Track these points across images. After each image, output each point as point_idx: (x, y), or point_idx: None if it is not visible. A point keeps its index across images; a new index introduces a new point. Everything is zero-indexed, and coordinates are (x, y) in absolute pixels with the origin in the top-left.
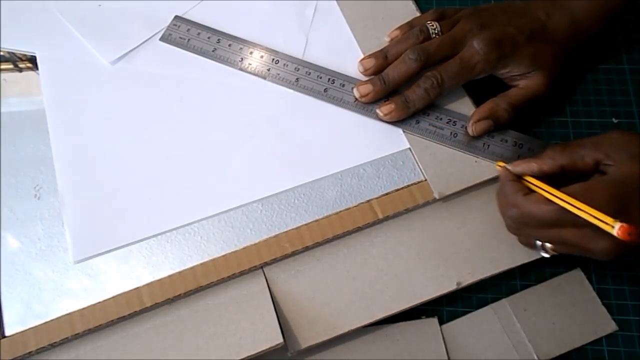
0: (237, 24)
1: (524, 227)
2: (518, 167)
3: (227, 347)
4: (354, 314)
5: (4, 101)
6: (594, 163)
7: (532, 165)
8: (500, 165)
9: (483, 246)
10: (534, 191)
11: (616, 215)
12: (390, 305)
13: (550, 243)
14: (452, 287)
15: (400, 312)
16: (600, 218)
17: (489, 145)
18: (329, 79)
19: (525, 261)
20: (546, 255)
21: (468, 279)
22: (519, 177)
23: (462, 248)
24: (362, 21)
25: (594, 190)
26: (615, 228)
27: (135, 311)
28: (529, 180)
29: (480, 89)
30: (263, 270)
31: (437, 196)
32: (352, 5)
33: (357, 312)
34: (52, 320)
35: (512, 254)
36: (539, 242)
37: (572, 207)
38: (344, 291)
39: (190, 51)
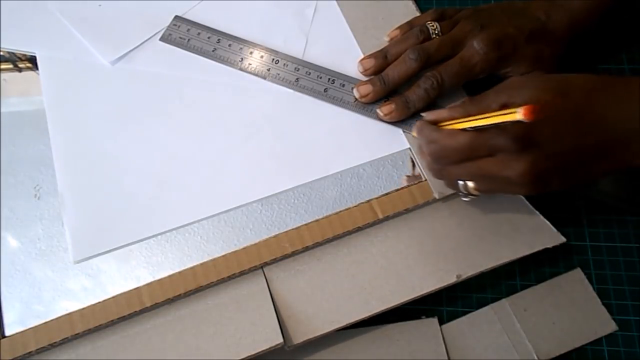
0: (237, 24)
1: (444, 164)
2: (431, 114)
3: (227, 347)
4: (353, 308)
5: (4, 101)
6: (500, 108)
7: (443, 112)
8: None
9: (483, 241)
10: None
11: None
12: (390, 298)
13: (471, 179)
14: (451, 280)
15: (400, 307)
16: (504, 113)
17: None
18: (329, 79)
19: (527, 253)
20: (466, 200)
21: (468, 272)
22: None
23: (461, 244)
24: (362, 21)
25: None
26: (520, 112)
27: (135, 311)
28: (444, 125)
29: (480, 89)
30: (263, 270)
31: (437, 196)
32: (352, 5)
33: (356, 306)
34: (52, 320)
35: (512, 247)
36: (461, 183)
37: (480, 120)
38: (343, 287)
39: (190, 51)
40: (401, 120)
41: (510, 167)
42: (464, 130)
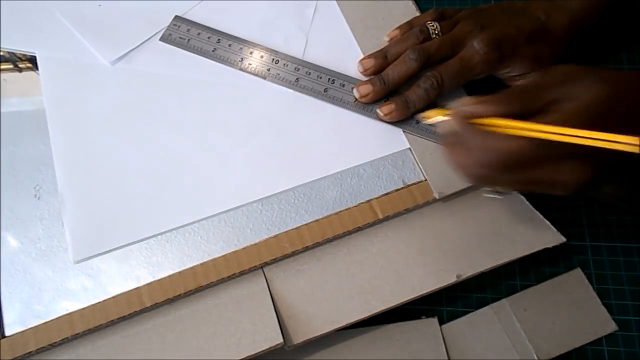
0: (237, 24)
1: (493, 171)
2: (466, 109)
3: (227, 347)
4: (353, 307)
5: (4, 101)
6: (548, 104)
7: (477, 108)
8: (441, 114)
9: (483, 241)
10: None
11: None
12: (390, 298)
13: (520, 187)
14: (451, 279)
15: (400, 307)
16: (619, 140)
17: None
18: (329, 79)
19: (527, 253)
20: (495, 196)
21: (468, 272)
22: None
23: (462, 244)
24: (362, 21)
25: (573, 117)
26: None
27: (135, 311)
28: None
29: (480, 89)
30: (263, 270)
31: (437, 196)
32: (352, 5)
33: (356, 306)
34: (52, 320)
35: (512, 247)
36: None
37: (574, 138)
38: (343, 287)
39: (190, 51)
40: (401, 120)
41: (572, 172)
42: (527, 137)
